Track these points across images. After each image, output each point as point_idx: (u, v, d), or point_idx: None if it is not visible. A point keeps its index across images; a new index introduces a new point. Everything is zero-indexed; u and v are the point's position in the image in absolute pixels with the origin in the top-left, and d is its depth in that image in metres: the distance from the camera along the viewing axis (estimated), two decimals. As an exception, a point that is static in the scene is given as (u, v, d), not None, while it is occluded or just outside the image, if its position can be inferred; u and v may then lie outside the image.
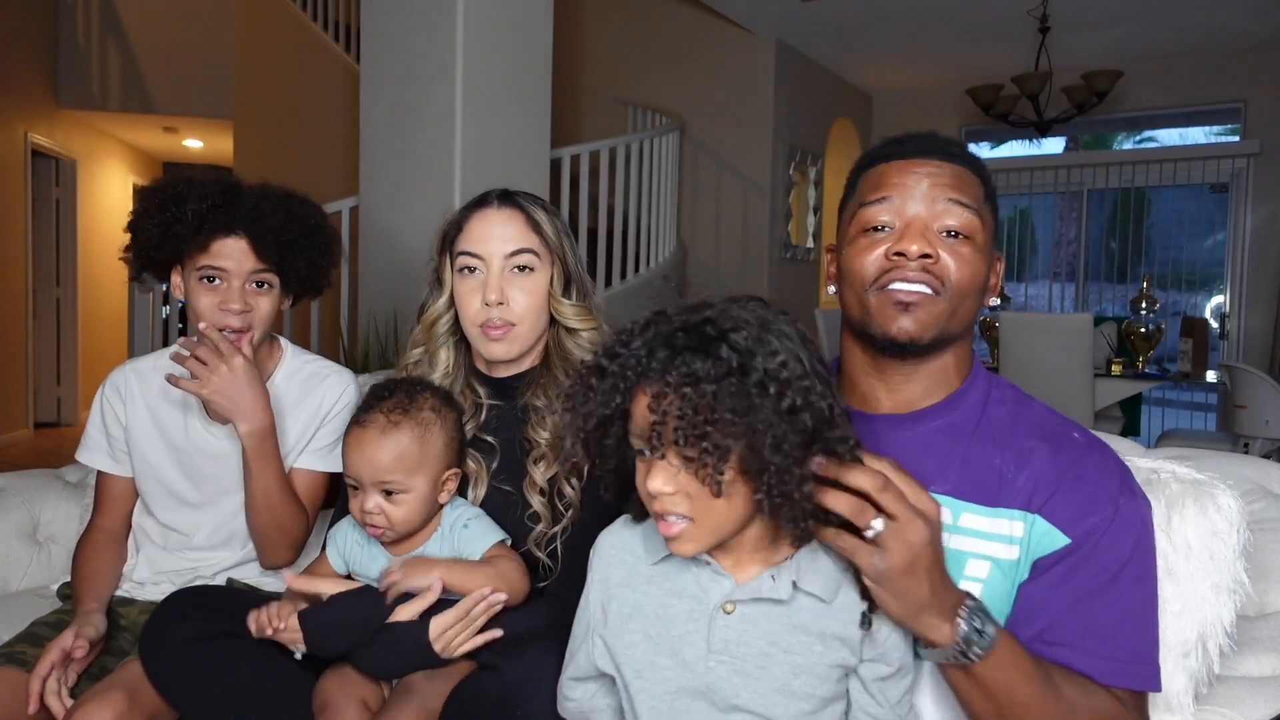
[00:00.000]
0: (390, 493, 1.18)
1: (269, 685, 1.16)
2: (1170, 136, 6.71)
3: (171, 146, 8.00)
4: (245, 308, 1.39)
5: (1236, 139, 6.07)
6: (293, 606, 1.16)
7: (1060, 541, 0.93)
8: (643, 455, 0.83)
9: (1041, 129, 5.09)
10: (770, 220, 5.80)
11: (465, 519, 1.24)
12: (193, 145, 7.92)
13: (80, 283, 7.00)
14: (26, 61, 6.24)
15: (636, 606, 0.91)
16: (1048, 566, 0.93)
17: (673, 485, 0.81)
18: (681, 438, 0.77)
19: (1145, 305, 4.42)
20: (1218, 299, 6.26)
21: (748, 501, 0.82)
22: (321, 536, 1.41)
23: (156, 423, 1.47)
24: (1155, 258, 6.53)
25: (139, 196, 1.44)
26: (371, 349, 3.45)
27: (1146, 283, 4.53)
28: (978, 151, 7.19)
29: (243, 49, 6.16)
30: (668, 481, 0.81)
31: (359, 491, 1.20)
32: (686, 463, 0.79)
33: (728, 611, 0.87)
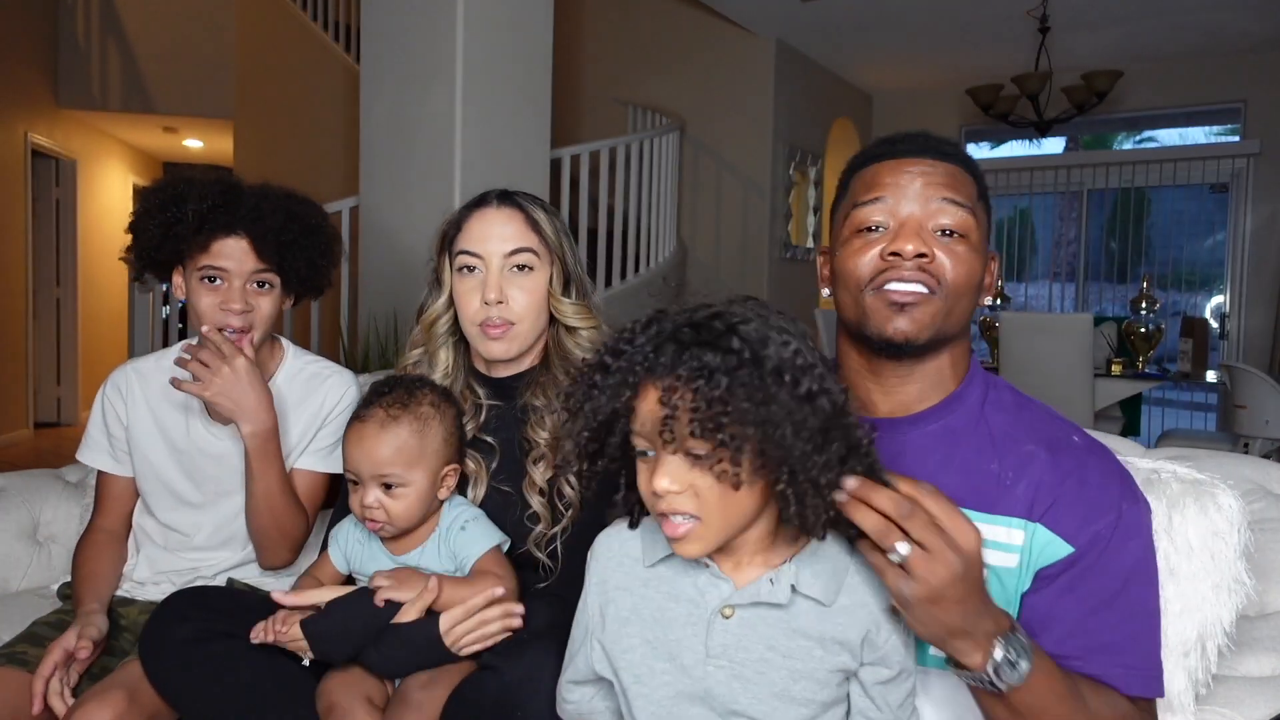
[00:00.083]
0: (389, 486, 1.19)
1: (269, 685, 1.16)
2: (1170, 136, 6.70)
3: (171, 146, 8.00)
4: (246, 308, 1.39)
5: (1236, 139, 6.07)
6: (295, 615, 1.16)
7: (1063, 551, 0.92)
8: (644, 456, 0.82)
9: (1041, 129, 5.09)
10: (770, 220, 5.80)
11: (464, 520, 1.24)
12: (193, 145, 7.92)
13: (80, 283, 6.99)
14: (27, 61, 6.24)
15: (634, 610, 0.89)
16: (1052, 576, 0.92)
17: (679, 484, 0.79)
18: (698, 429, 0.75)
19: (1145, 305, 4.42)
20: (1218, 299, 6.26)
21: (757, 498, 0.81)
22: (320, 537, 1.41)
23: (158, 423, 1.47)
24: (1155, 258, 6.53)
25: (140, 197, 1.44)
26: (371, 349, 3.45)
27: (1146, 283, 4.53)
28: (978, 151, 7.18)
29: (243, 49, 6.16)
30: (675, 480, 0.79)
31: (359, 486, 1.20)
32: (694, 461, 0.78)
33: (726, 616, 0.85)
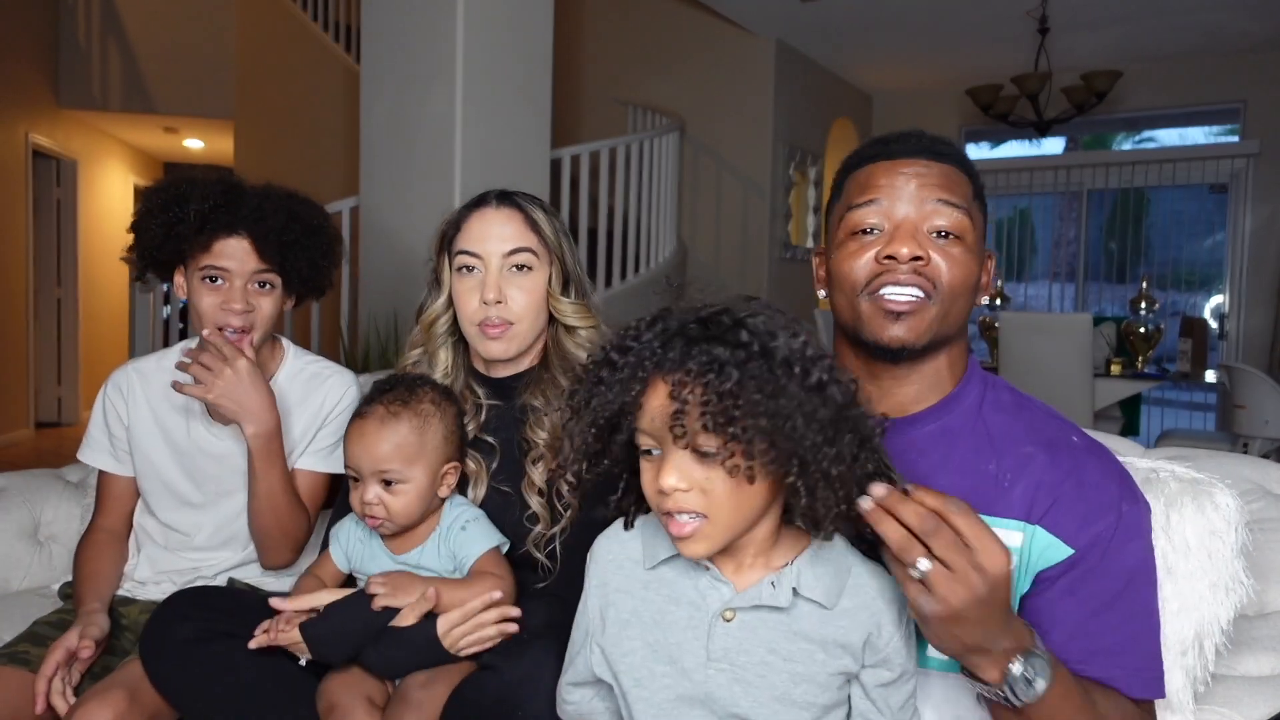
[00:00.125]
0: (389, 483, 1.19)
1: (269, 685, 1.16)
2: (1170, 137, 6.71)
3: (172, 147, 8.00)
4: (247, 308, 1.39)
5: (1236, 139, 6.07)
6: (295, 617, 1.16)
7: (1063, 553, 0.91)
8: (649, 455, 0.81)
9: (1041, 129, 5.10)
10: (770, 220, 5.80)
11: (464, 520, 1.24)
12: (193, 145, 7.92)
13: (81, 283, 6.99)
14: (27, 62, 6.24)
15: (634, 613, 0.89)
16: (1052, 579, 0.92)
17: (686, 481, 0.78)
18: (710, 422, 0.74)
19: (1144, 305, 4.42)
20: (1217, 299, 6.26)
21: (764, 495, 0.80)
22: (320, 536, 1.41)
23: (159, 423, 1.48)
24: (1154, 258, 6.53)
25: (142, 196, 1.45)
26: (372, 349, 3.45)
27: (1146, 283, 4.54)
28: (977, 152, 7.16)
29: (243, 49, 6.16)
30: (682, 478, 0.78)
31: (359, 483, 1.20)
32: (701, 458, 0.77)
33: (727, 619, 0.84)
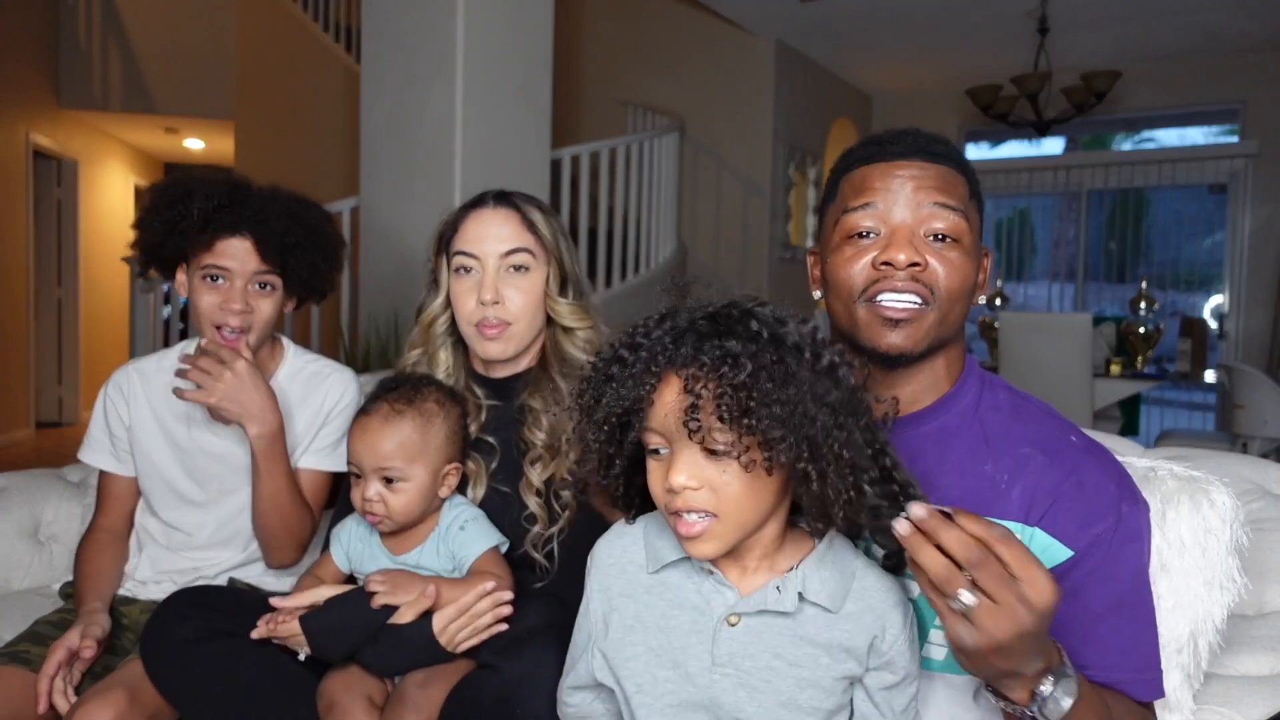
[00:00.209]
0: (390, 480, 1.19)
1: (269, 685, 1.16)
2: (1169, 137, 6.71)
3: (172, 147, 8.00)
4: (246, 308, 1.39)
5: (1235, 139, 6.07)
6: (296, 611, 1.16)
7: (1063, 555, 0.90)
8: (656, 454, 0.81)
9: (1040, 129, 5.10)
10: (770, 220, 5.81)
11: (463, 520, 1.24)
12: (193, 146, 7.92)
13: (82, 283, 7.00)
14: (28, 62, 6.25)
15: (638, 617, 0.88)
16: None
17: (696, 480, 0.77)
18: (725, 414, 0.74)
19: (1144, 305, 4.43)
20: (1216, 299, 6.26)
21: (773, 493, 0.80)
22: (323, 536, 1.42)
23: (160, 423, 1.48)
24: (1154, 258, 6.53)
25: (148, 193, 1.45)
26: (372, 349, 3.45)
27: (1145, 283, 4.54)
28: (977, 152, 7.13)
29: (243, 49, 6.16)
30: (691, 476, 0.77)
31: (360, 480, 1.21)
32: (710, 456, 0.77)
33: (732, 624, 0.84)
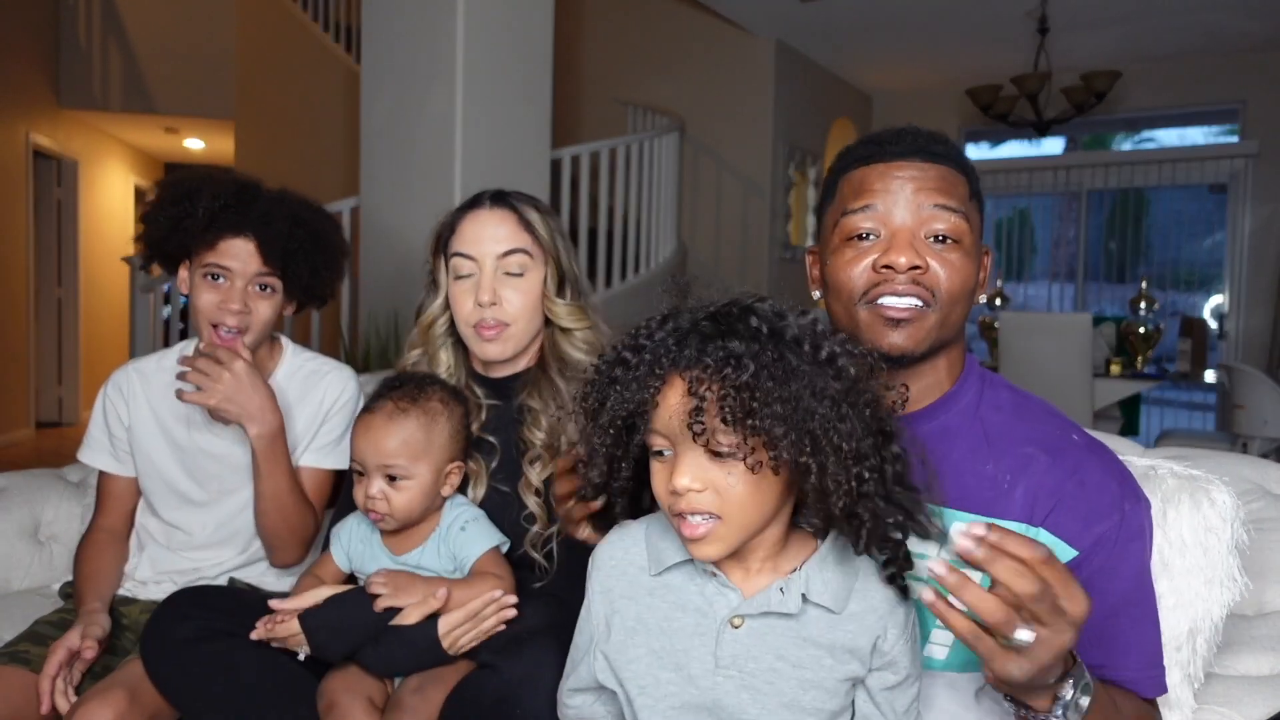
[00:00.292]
0: (393, 478, 1.19)
1: (269, 685, 1.16)
2: (1169, 137, 6.71)
3: (173, 147, 8.01)
4: (245, 309, 1.39)
5: (1235, 139, 6.07)
6: (295, 610, 1.16)
7: (1067, 555, 0.90)
8: (660, 456, 0.80)
9: (1040, 129, 5.10)
10: (770, 220, 5.81)
11: (463, 521, 1.24)
12: (193, 146, 7.92)
13: (82, 283, 7.00)
14: (28, 62, 6.25)
15: (640, 620, 0.87)
16: None
17: (700, 482, 0.77)
18: (729, 416, 0.74)
19: (1144, 305, 4.43)
20: (1216, 299, 6.26)
21: (777, 493, 0.80)
22: (322, 536, 1.42)
23: (159, 423, 1.48)
24: (1154, 258, 6.53)
25: (156, 187, 1.46)
26: (372, 349, 3.45)
27: (1145, 283, 4.54)
28: (977, 152, 7.12)
29: (243, 49, 6.17)
30: (695, 478, 0.77)
31: (363, 477, 1.21)
32: (714, 458, 0.77)
33: (735, 626, 0.83)
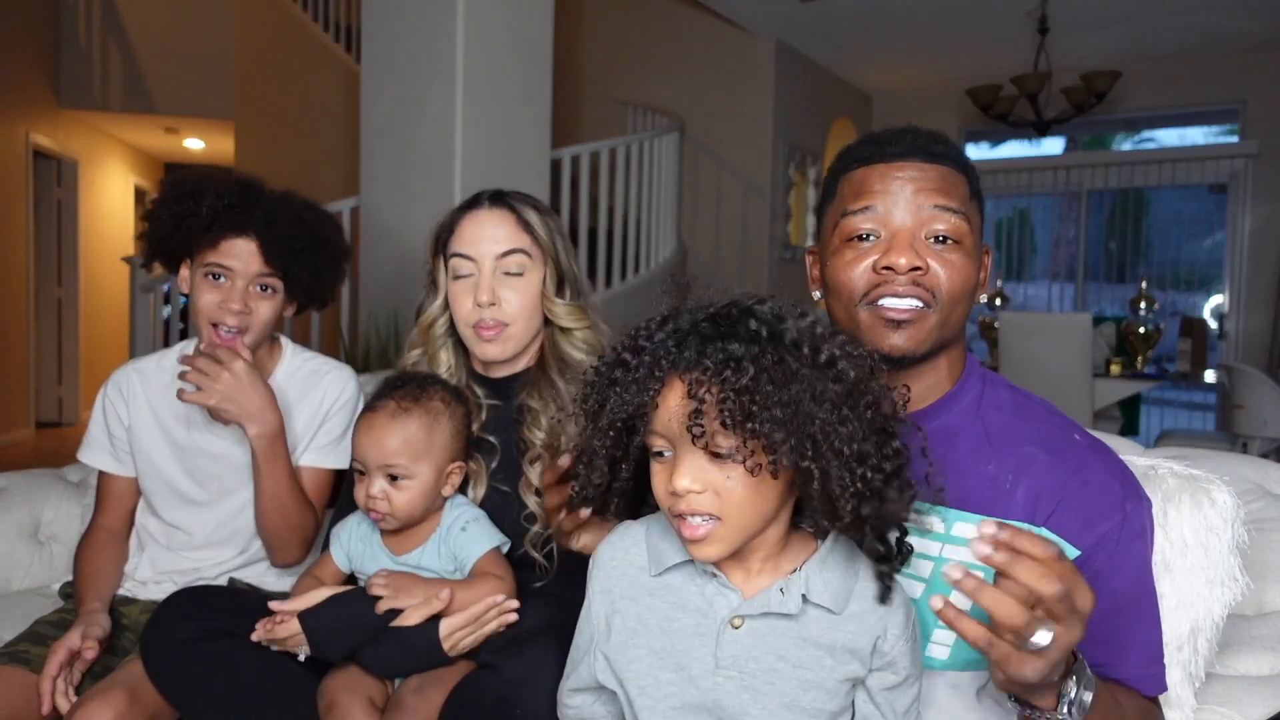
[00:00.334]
0: (395, 478, 1.19)
1: (269, 685, 1.16)
2: (1169, 137, 6.71)
3: (173, 147, 8.01)
4: (245, 309, 1.39)
5: (1235, 139, 6.07)
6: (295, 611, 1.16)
7: (1069, 555, 0.90)
8: (660, 457, 0.81)
9: (1040, 129, 5.10)
10: (770, 220, 5.81)
11: (464, 521, 1.24)
12: (193, 146, 7.92)
13: (82, 283, 7.00)
14: (28, 62, 6.25)
15: (640, 620, 0.87)
16: None
17: (700, 483, 0.77)
18: (728, 418, 0.74)
19: (1144, 305, 4.43)
20: (1216, 299, 6.26)
21: (777, 494, 0.80)
22: (323, 536, 1.42)
23: (159, 423, 1.48)
24: (1154, 258, 6.53)
25: (161, 185, 1.47)
26: (372, 349, 3.45)
27: (1145, 283, 4.55)
28: (977, 152, 7.13)
29: (243, 49, 6.17)
30: (695, 479, 0.77)
31: (364, 477, 1.21)
32: (714, 459, 0.77)
33: (736, 626, 0.83)
